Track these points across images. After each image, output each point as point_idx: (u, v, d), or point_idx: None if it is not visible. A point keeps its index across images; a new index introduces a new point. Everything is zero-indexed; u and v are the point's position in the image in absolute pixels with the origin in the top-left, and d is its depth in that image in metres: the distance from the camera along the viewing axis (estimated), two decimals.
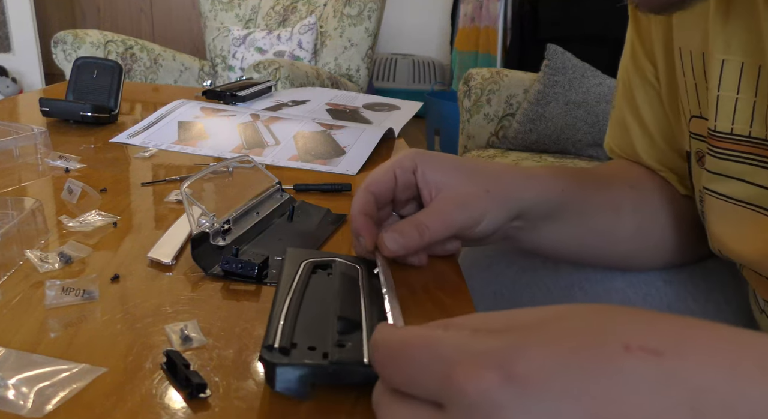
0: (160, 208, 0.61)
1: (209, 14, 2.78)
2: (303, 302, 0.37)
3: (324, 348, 0.32)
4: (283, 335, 0.33)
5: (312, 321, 0.35)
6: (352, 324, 0.35)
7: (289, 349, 0.32)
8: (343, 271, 0.42)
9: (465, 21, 3.58)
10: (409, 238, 0.44)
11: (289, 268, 0.41)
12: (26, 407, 0.31)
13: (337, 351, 0.32)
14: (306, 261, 0.43)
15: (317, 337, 0.33)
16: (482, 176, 0.49)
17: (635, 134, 0.58)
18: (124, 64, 2.27)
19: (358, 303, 0.38)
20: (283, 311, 0.35)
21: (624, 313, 0.24)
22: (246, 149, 0.83)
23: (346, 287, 0.40)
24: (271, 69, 2.07)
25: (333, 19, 2.64)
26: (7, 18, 3.65)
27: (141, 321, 0.40)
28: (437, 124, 3.14)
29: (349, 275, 0.42)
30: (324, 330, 0.34)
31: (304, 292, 0.39)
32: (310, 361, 0.31)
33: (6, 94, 3.45)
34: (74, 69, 0.95)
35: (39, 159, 0.72)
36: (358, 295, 0.39)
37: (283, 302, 0.37)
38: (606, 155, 0.65)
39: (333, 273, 0.42)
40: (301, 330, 0.34)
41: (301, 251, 0.45)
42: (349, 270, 0.43)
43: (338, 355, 0.32)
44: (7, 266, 0.46)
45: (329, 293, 0.39)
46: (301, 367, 0.31)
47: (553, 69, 1.91)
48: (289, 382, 0.31)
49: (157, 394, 0.33)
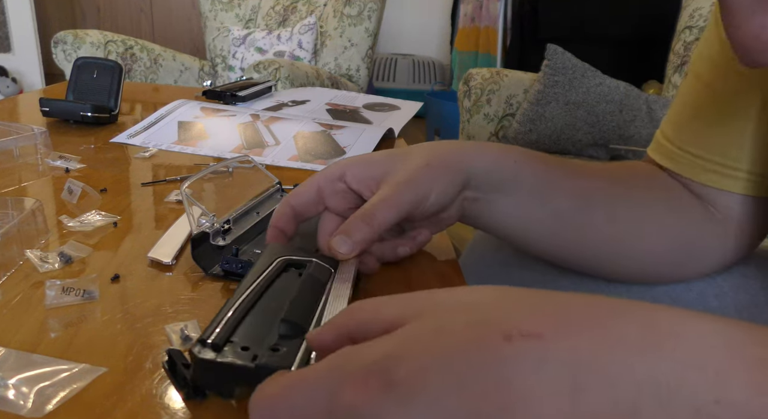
0: (160, 208, 0.61)
1: (209, 14, 2.78)
2: (260, 300, 0.36)
3: (257, 350, 0.31)
4: (222, 330, 0.32)
5: (259, 320, 0.34)
6: (296, 329, 0.33)
7: (222, 346, 0.31)
8: (314, 273, 0.40)
9: (465, 21, 3.59)
10: (358, 232, 0.42)
11: (261, 263, 0.40)
12: (26, 407, 0.31)
13: (268, 355, 0.31)
14: (281, 258, 0.41)
15: (255, 338, 0.32)
16: (421, 152, 0.47)
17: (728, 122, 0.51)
18: (124, 64, 2.27)
19: (314, 308, 0.36)
20: (234, 306, 0.35)
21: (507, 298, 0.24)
22: (246, 149, 0.83)
23: (308, 290, 0.38)
24: (271, 69, 2.07)
25: (333, 19, 2.64)
26: (7, 18, 3.65)
27: (141, 321, 0.40)
28: (437, 124, 3.14)
29: (318, 277, 0.40)
30: (266, 332, 0.33)
31: (266, 289, 0.37)
32: (233, 361, 0.30)
33: (6, 94, 3.45)
34: (74, 69, 0.95)
35: (39, 159, 0.72)
36: (318, 300, 0.37)
37: (238, 297, 0.36)
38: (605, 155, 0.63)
39: (303, 274, 0.40)
40: (244, 328, 0.33)
41: (282, 247, 0.44)
42: (321, 272, 0.40)
43: (266, 359, 0.30)
44: (7, 266, 0.46)
45: (290, 294, 0.37)
46: (224, 366, 0.30)
47: (553, 69, 1.91)
48: (211, 379, 0.31)
49: (158, 394, 0.33)
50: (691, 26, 1.93)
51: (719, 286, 0.58)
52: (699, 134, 0.54)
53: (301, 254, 0.43)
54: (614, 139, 1.87)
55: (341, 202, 0.48)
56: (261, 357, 0.30)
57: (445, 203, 0.47)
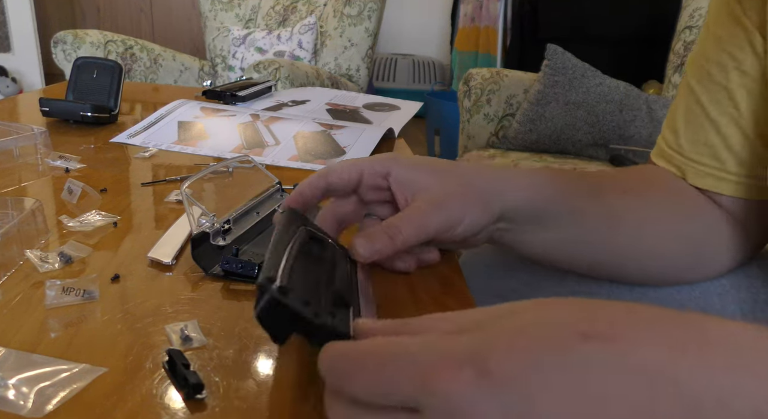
0: (160, 208, 0.61)
1: (209, 14, 2.78)
2: (298, 259, 0.37)
3: (316, 307, 0.32)
4: (284, 275, 0.32)
5: (310, 279, 0.35)
6: (342, 301, 0.35)
7: (288, 292, 0.31)
8: (337, 251, 0.42)
9: (465, 21, 3.58)
10: (380, 243, 0.43)
11: (287, 225, 0.40)
12: (26, 407, 0.31)
13: (328, 316, 0.32)
14: (303, 228, 0.42)
15: (312, 296, 0.33)
16: (459, 176, 0.47)
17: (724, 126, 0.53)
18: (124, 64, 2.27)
19: (349, 284, 0.38)
20: (286, 254, 0.35)
21: (568, 303, 0.25)
22: (246, 149, 0.83)
23: (338, 264, 0.40)
24: (271, 69, 2.07)
25: (333, 19, 2.64)
26: (7, 18, 3.65)
27: (141, 321, 0.40)
28: (437, 124, 3.14)
29: (340, 255, 0.42)
30: (317, 293, 0.34)
31: (300, 252, 0.38)
32: (303, 311, 0.31)
33: (6, 94, 3.45)
34: (74, 69, 0.95)
35: (39, 159, 0.72)
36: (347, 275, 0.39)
37: (284, 248, 0.36)
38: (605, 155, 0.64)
39: (326, 249, 0.41)
40: (298, 282, 0.34)
41: (302, 216, 0.44)
42: (340, 254, 0.42)
43: (330, 320, 0.31)
44: (7, 266, 0.46)
45: (322, 264, 0.38)
46: (294, 314, 0.31)
47: (553, 69, 1.91)
48: (275, 320, 0.31)
49: (158, 394, 0.33)
50: (691, 26, 1.93)
51: (722, 285, 0.58)
52: (692, 140, 0.55)
53: (313, 226, 0.43)
54: (614, 139, 1.87)
55: (374, 195, 0.48)
56: (323, 316, 0.31)
57: (474, 232, 0.47)
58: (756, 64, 0.51)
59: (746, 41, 0.51)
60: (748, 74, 0.51)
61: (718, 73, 0.53)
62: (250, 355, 0.37)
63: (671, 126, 0.58)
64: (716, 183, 0.54)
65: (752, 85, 0.51)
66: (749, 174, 0.53)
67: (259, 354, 0.37)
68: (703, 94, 0.54)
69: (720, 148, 0.53)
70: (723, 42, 0.53)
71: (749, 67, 0.51)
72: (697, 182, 0.55)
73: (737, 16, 0.52)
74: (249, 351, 0.37)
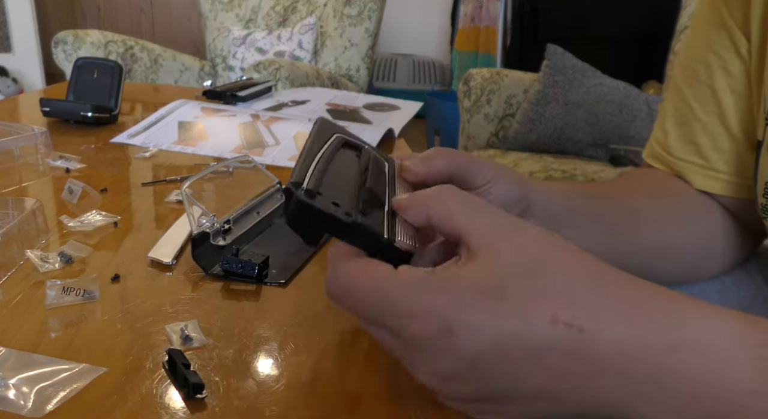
0: (161, 208, 0.61)
1: (209, 14, 2.78)
2: (331, 163, 0.36)
3: (347, 208, 0.32)
4: (313, 179, 0.32)
5: (340, 181, 0.35)
6: (376, 201, 0.34)
7: (315, 194, 0.31)
8: (373, 157, 0.40)
9: (465, 21, 3.58)
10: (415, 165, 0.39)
11: (320, 133, 0.40)
12: (27, 407, 0.31)
13: (360, 216, 0.32)
14: (337, 135, 0.41)
15: (342, 197, 0.33)
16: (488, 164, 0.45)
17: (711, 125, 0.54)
18: (124, 64, 2.27)
19: (383, 187, 0.37)
20: (316, 159, 0.35)
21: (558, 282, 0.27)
22: (246, 149, 0.83)
23: (374, 169, 0.38)
24: (271, 69, 2.07)
25: (333, 19, 2.64)
26: (8, 18, 3.65)
27: (141, 321, 0.40)
28: (437, 124, 3.14)
29: (377, 162, 0.40)
30: (349, 195, 0.34)
31: (333, 157, 0.37)
32: (332, 211, 0.31)
33: (6, 94, 3.45)
34: (75, 69, 0.95)
35: (39, 159, 0.73)
36: (383, 181, 0.38)
37: (315, 153, 0.36)
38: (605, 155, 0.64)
39: (361, 156, 0.40)
40: (328, 185, 0.33)
41: (334, 125, 0.43)
42: (377, 160, 0.41)
43: (361, 219, 0.31)
44: (7, 266, 0.46)
45: (356, 168, 0.38)
46: (321, 214, 0.31)
47: (553, 69, 1.91)
48: (307, 224, 0.32)
49: (158, 394, 0.33)
50: None
51: (721, 281, 0.59)
52: (681, 139, 0.56)
53: (349, 134, 0.42)
54: (614, 139, 1.87)
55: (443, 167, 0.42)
56: (354, 216, 0.31)
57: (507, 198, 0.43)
58: (740, 66, 0.52)
59: (730, 42, 0.52)
60: (732, 75, 0.52)
61: (704, 73, 0.54)
62: (250, 355, 0.37)
63: (661, 126, 0.58)
64: (706, 182, 0.55)
65: (736, 85, 0.52)
66: (738, 173, 0.53)
67: (259, 354, 0.37)
68: (690, 94, 0.55)
69: (708, 147, 0.54)
70: (709, 42, 0.54)
71: (734, 68, 0.52)
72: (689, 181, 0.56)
73: (723, 18, 0.53)
74: (249, 351, 0.37)
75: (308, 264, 0.50)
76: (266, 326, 0.40)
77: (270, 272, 0.47)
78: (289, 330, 0.40)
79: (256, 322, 0.41)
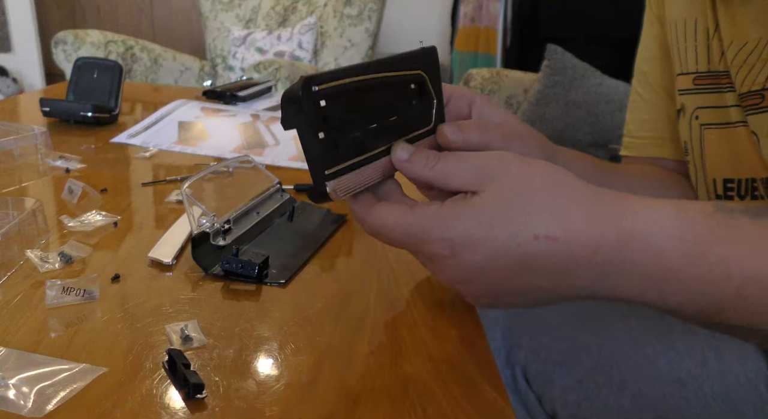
0: (161, 208, 0.61)
1: (209, 14, 2.78)
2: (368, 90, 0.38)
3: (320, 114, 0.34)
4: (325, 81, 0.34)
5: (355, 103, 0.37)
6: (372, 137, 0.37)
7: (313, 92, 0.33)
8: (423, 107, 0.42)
9: (465, 21, 3.58)
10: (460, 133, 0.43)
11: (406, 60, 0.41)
12: (27, 407, 0.31)
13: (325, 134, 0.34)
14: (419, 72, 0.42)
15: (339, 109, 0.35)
16: None
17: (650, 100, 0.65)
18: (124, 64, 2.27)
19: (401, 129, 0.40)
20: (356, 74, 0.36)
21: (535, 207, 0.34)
22: (246, 149, 0.83)
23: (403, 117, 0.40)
24: (271, 69, 2.07)
25: (333, 19, 2.64)
26: (8, 18, 3.65)
27: (141, 321, 0.40)
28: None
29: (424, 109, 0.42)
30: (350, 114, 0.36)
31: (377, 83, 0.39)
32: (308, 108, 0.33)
33: (6, 94, 3.45)
34: (75, 69, 0.95)
35: (39, 159, 0.73)
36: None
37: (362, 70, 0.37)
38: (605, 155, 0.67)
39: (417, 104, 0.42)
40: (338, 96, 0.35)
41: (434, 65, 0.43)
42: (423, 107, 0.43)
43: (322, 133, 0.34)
44: (7, 266, 0.46)
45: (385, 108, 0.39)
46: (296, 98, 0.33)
47: (553, 69, 1.91)
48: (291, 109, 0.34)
49: (158, 394, 0.33)
50: None
51: None
52: (635, 120, 0.69)
53: None
54: (614, 139, 1.87)
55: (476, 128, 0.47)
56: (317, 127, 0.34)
57: None
58: (656, 47, 0.65)
59: (653, 33, 0.66)
60: (655, 56, 0.66)
61: (644, 66, 0.67)
62: (250, 355, 0.37)
63: (629, 117, 0.70)
64: (656, 150, 0.65)
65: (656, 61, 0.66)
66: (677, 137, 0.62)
67: (259, 354, 0.37)
68: (638, 84, 0.68)
69: (653, 120, 0.66)
70: (644, 39, 0.67)
71: (655, 52, 0.66)
72: (641, 152, 0.66)
73: (649, 14, 0.67)
74: (249, 351, 0.37)
75: (308, 264, 0.50)
76: (266, 326, 0.40)
77: (270, 272, 0.47)
78: (289, 330, 0.40)
79: (256, 322, 0.41)
